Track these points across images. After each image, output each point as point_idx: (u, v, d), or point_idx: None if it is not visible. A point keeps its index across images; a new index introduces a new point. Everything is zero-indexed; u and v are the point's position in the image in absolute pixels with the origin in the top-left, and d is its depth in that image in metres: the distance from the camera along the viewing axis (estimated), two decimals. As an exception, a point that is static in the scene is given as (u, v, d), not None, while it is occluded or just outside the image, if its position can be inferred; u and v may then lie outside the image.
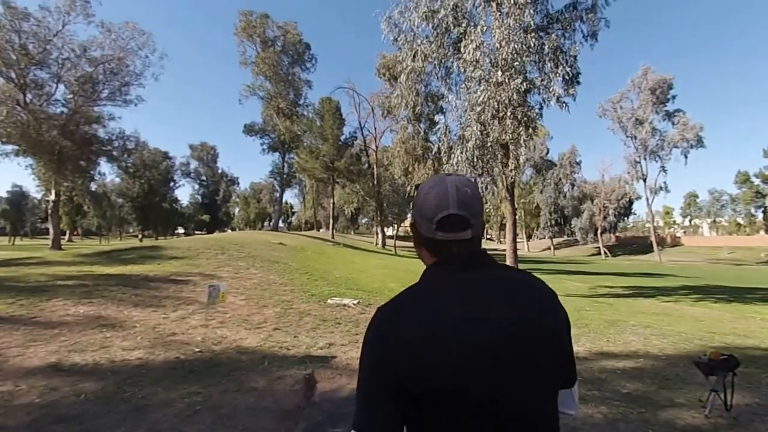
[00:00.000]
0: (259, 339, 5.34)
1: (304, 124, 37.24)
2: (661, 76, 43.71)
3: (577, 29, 10.66)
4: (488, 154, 11.13)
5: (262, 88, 37.25)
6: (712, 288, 16.37)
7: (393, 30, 12.22)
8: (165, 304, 6.70)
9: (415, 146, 21.59)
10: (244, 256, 12.50)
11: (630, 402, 3.71)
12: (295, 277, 10.35)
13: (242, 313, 6.60)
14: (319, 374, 4.17)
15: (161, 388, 3.70)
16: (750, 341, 6.52)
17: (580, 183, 61.20)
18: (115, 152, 29.07)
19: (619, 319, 8.23)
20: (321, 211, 72.47)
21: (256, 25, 35.55)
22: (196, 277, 9.09)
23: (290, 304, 7.44)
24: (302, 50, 37.81)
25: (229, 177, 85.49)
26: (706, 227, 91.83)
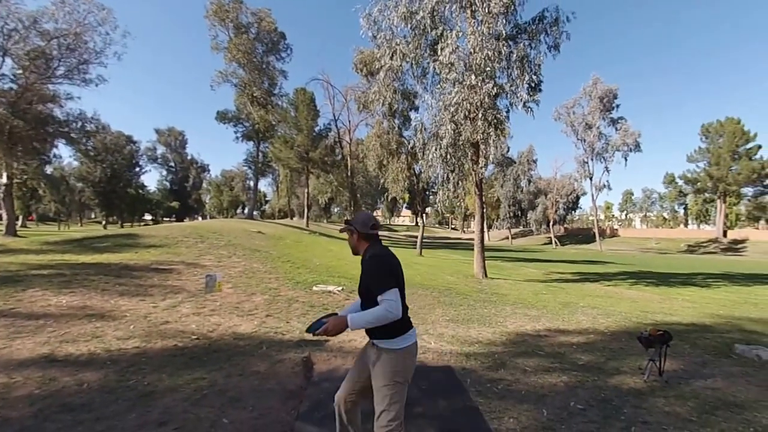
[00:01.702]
0: (253, 325, 5.39)
1: (279, 114, 35.98)
2: (608, 86, 46.34)
3: (542, 41, 11.11)
4: (460, 152, 11.45)
5: (235, 75, 35.24)
6: (644, 273, 17.79)
7: (372, 27, 12.16)
8: (152, 293, 6.55)
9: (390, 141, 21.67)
10: (224, 245, 12.24)
11: (585, 371, 4.17)
12: (278, 265, 10.26)
13: (232, 300, 6.57)
14: (315, 357, 4.34)
15: (165, 374, 3.67)
16: (674, 318, 7.33)
17: (536, 179, 63.85)
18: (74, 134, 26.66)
19: (570, 301, 8.92)
20: (295, 200, 71.20)
21: (229, 10, 33.34)
22: (179, 265, 8.87)
23: (277, 292, 7.45)
24: (277, 39, 36.07)
25: (200, 164, 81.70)
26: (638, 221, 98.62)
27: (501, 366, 4.25)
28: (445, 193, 11.78)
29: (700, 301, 9.84)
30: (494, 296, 9.13)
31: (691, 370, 4.35)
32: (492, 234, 75.77)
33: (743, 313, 8.14)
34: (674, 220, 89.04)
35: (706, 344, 5.40)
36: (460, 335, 5.47)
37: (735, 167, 57.67)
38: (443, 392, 3.54)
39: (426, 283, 10.34)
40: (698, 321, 7.09)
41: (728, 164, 57.90)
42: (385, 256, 2.11)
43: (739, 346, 5.17)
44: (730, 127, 58.32)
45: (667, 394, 3.60)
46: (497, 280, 12.38)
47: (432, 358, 4.48)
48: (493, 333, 5.68)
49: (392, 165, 21.70)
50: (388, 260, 2.09)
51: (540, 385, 3.74)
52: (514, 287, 11.10)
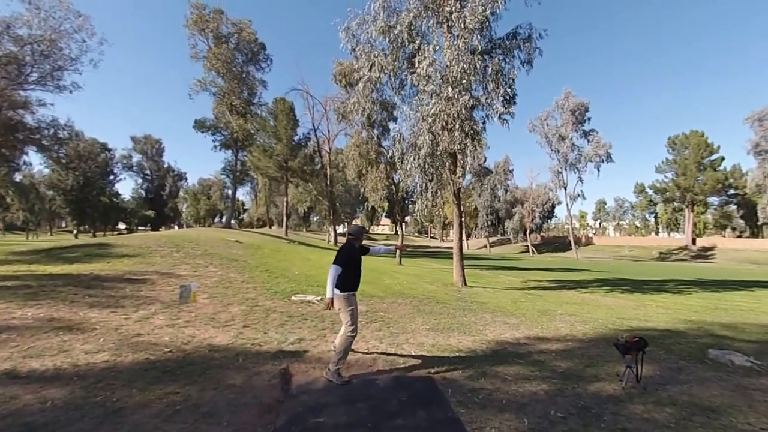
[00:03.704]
0: (229, 337, 5.21)
1: (258, 123, 35.81)
2: (579, 100, 48.00)
3: (516, 56, 11.39)
4: (438, 162, 11.57)
5: (214, 84, 34.93)
6: (619, 281, 18.24)
7: (351, 40, 12.27)
8: (124, 304, 6.28)
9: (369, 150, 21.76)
10: (201, 254, 11.91)
11: (565, 379, 4.18)
12: (256, 275, 10.05)
13: (208, 311, 6.35)
14: (293, 368, 4.22)
15: (135, 389, 3.50)
16: (649, 324, 7.49)
17: (512, 189, 65.41)
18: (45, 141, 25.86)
19: (549, 308, 9.02)
20: (274, 208, 70.48)
21: (209, 20, 33.22)
22: (153, 275, 8.56)
23: (255, 302, 7.27)
24: (257, 49, 36.01)
25: (176, 172, 79.93)
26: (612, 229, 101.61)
27: (482, 375, 4.22)
28: (423, 202, 11.83)
29: (673, 307, 10.10)
30: (474, 304, 9.14)
31: (667, 375, 4.42)
32: (470, 242, 76.73)
33: (714, 318, 8.39)
34: (646, 229, 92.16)
35: (680, 350, 5.52)
36: (440, 344, 5.43)
37: (701, 178, 60.36)
38: (424, 403, 3.48)
39: (406, 292, 10.29)
40: (672, 327, 7.26)
41: (694, 175, 60.52)
42: (342, 248, 4.25)
43: (712, 351, 5.29)
44: (694, 139, 61.11)
45: (645, 401, 3.63)
46: (476, 289, 12.44)
47: (412, 368, 4.41)
48: (474, 341, 5.67)
49: (371, 174, 21.76)
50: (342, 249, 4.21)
51: (521, 394, 3.72)
52: (494, 295, 11.16)
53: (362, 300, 8.54)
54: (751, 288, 16.18)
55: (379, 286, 10.86)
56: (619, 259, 51.08)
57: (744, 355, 5.13)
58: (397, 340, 5.56)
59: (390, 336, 5.76)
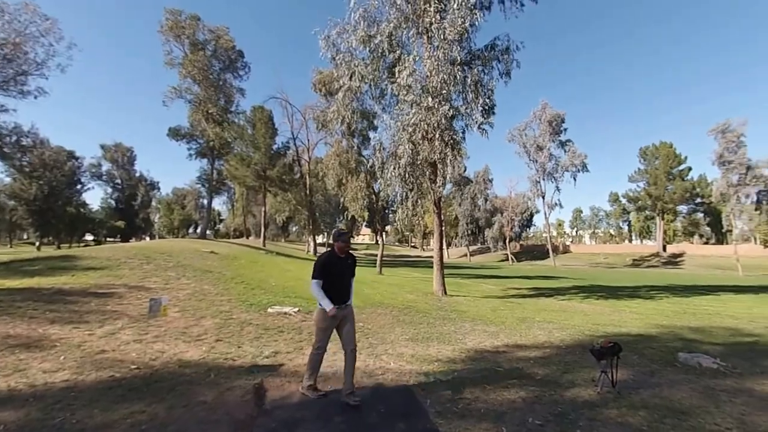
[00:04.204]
0: (201, 351, 5.04)
1: (235, 132, 35.30)
2: (556, 111, 49.58)
3: (494, 67, 11.68)
4: (418, 171, 11.68)
5: (189, 91, 34.37)
6: (595, 287, 18.71)
7: (331, 48, 12.31)
8: (88, 319, 5.99)
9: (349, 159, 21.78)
10: (173, 266, 11.55)
11: (542, 386, 4.22)
12: (231, 287, 9.81)
13: (179, 325, 6.14)
14: (268, 383, 4.11)
15: (97, 409, 3.31)
16: (623, 329, 7.70)
17: (492, 198, 66.54)
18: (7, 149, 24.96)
19: (527, 316, 9.16)
20: (251, 218, 69.33)
21: (185, 26, 32.78)
22: (121, 288, 8.23)
23: (229, 315, 7.08)
24: (235, 57, 35.75)
25: (149, 181, 77.72)
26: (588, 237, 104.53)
27: (461, 384, 4.22)
28: (404, 211, 11.89)
29: (645, 312, 10.42)
30: (454, 313, 9.19)
31: (640, 379, 4.53)
32: (451, 251, 77.35)
33: (684, 322, 8.70)
34: (620, 236, 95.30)
35: (652, 354, 5.69)
36: (419, 354, 5.41)
37: (670, 187, 63.22)
38: (402, 415, 3.45)
39: (386, 301, 10.25)
40: (645, 331, 7.48)
41: (664, 184, 63.32)
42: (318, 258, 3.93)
43: (681, 354, 5.47)
44: (664, 150, 64.04)
45: (620, 405, 3.70)
46: (457, 297, 12.51)
47: (391, 379, 4.38)
48: (453, 351, 5.68)
49: (351, 184, 21.76)
50: (320, 259, 3.87)
51: (499, 402, 3.74)
52: (473, 304, 11.24)
53: None
54: (716, 292, 16.90)
55: (358, 296, 10.68)
56: (595, 266, 52.51)
57: (711, 357, 5.32)
58: (376, 351, 5.51)
59: (369, 347, 5.70)
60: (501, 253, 68.14)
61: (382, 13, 11.96)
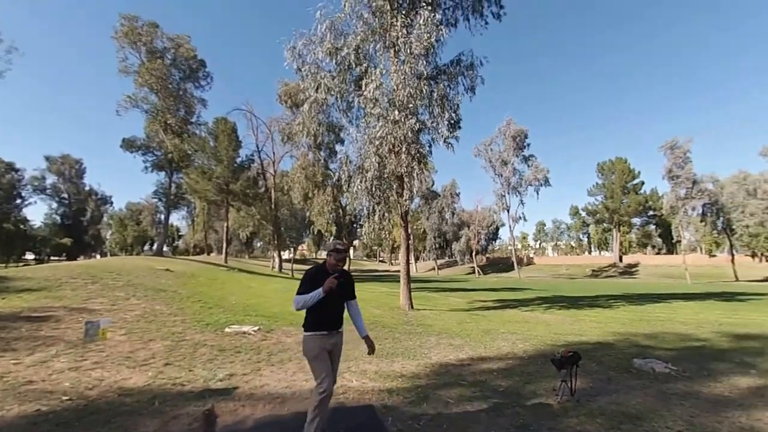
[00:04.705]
0: (146, 377, 4.70)
1: (196, 144, 34.23)
2: (519, 127, 51.72)
3: (459, 82, 12.03)
4: (385, 184, 11.70)
5: (146, 100, 32.84)
6: (557, 298, 19.29)
7: (297, 59, 12.22)
8: (16, 347, 5.45)
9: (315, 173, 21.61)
10: (122, 285, 10.90)
11: (505, 397, 4.25)
12: (186, 306, 9.36)
13: (123, 350, 5.72)
14: (219, 408, 3.88)
15: (18, 448, 2.98)
16: (583, 338, 7.94)
17: (459, 212, 67.90)
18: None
19: (492, 328, 9.27)
20: (213, 234, 67.08)
21: (142, 33, 31.55)
22: (60, 311, 7.61)
23: (182, 336, 6.71)
24: (196, 66, 34.64)
25: (100, 195, 73.70)
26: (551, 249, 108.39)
27: (424, 400, 4.17)
28: (370, 225, 11.85)
29: (604, 320, 10.83)
30: (420, 327, 9.17)
31: (598, 387, 4.66)
32: (419, 265, 77.93)
33: (639, 329, 9.09)
34: (580, 248, 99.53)
35: (609, 361, 5.88)
36: (383, 370, 5.33)
37: (625, 200, 67.03)
38: (364, 433, 3.35)
39: (351, 317, 10.09)
40: (603, 339, 7.74)
41: (620, 198, 67.12)
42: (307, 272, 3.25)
43: (636, 360, 5.69)
44: (619, 165, 68.05)
45: (579, 413, 3.77)
46: (423, 311, 12.53)
47: (353, 398, 4.26)
48: (417, 366, 5.63)
49: (318, 197, 21.60)
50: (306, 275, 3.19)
51: (461, 417, 3.72)
52: (440, 317, 11.29)
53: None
54: (668, 300, 17.86)
55: None
56: (557, 277, 54.42)
57: (663, 362, 5.58)
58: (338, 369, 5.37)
59: (332, 364, 5.55)
60: (468, 266, 69.36)
61: (349, 26, 12.05)
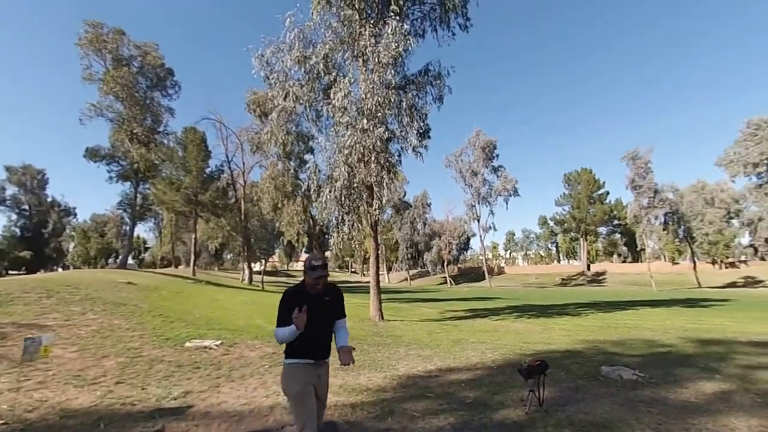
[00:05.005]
0: (94, 397, 4.31)
1: (164, 153, 33.39)
2: (488, 138, 52.99)
3: (428, 92, 12.18)
4: (354, 194, 11.61)
5: (111, 109, 31.95)
6: (527, 307, 19.55)
7: (265, 68, 12.10)
8: (-49, 367, 4.96)
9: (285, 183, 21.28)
10: (79, 299, 10.21)
11: (472, 409, 4.12)
12: (147, 320, 8.87)
13: (73, 368, 5.27)
14: (170, 429, 3.57)
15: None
16: (552, 346, 7.95)
17: (430, 222, 68.56)
18: None
19: (462, 338, 9.18)
20: (181, 246, 64.92)
21: (108, 40, 30.76)
22: (7, 328, 6.96)
23: (138, 352, 6.28)
24: (164, 75, 33.99)
25: (63, 207, 70.32)
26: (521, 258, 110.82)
27: (389, 414, 3.99)
28: (340, 235, 11.68)
29: (573, 328, 10.95)
30: (389, 338, 9.00)
31: (566, 396, 4.59)
32: (392, 276, 77.90)
33: (606, 336, 9.21)
34: (549, 257, 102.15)
35: (577, 369, 5.85)
36: (348, 384, 5.10)
37: (592, 210, 69.57)
38: (322, 455, 3.11)
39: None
40: (572, 348, 7.78)
41: (586, 207, 69.65)
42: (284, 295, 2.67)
43: (604, 368, 5.68)
44: (585, 176, 70.76)
45: (546, 424, 3.68)
46: (393, 322, 12.35)
47: (315, 415, 4.02)
48: (384, 378, 5.44)
49: (287, 208, 21.26)
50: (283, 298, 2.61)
51: (428, 431, 3.55)
52: (410, 328, 11.15)
53: (270, 341, 7.91)
54: (635, 307, 18.43)
55: None
56: (528, 286, 55.52)
57: (630, 369, 5.58)
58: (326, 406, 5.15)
59: (295, 380, 5.29)
60: (440, 276, 69.78)
61: (318, 35, 12.04)
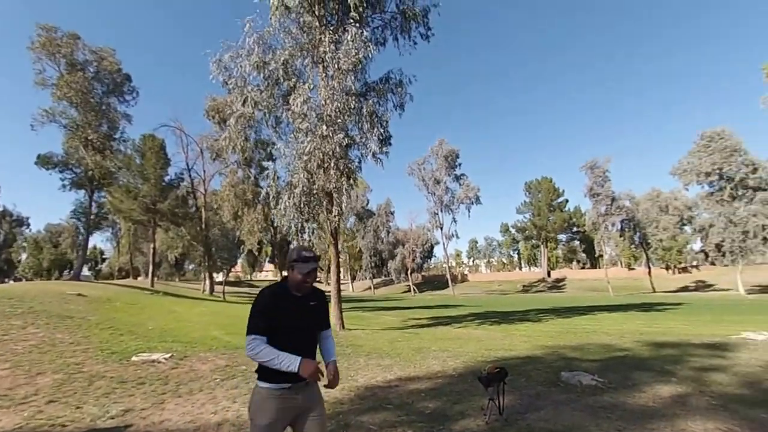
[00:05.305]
0: (20, 419, 3.86)
1: (121, 161, 32.29)
2: (451, 147, 54.05)
3: (389, 99, 12.25)
4: (314, 201, 11.49)
5: (65, 115, 30.69)
6: (489, 314, 19.83)
7: (223, 72, 11.88)
8: None
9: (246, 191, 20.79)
10: (21, 313, 9.42)
11: (431, 421, 3.95)
12: (94, 334, 8.38)
13: (1, 386, 4.81)
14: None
15: None
16: (513, 353, 7.94)
17: (394, 230, 68.88)
18: None
19: (423, 346, 9.06)
20: (140, 257, 62.05)
21: (62, 45, 29.63)
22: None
23: (79, 368, 5.83)
24: (121, 80, 33.01)
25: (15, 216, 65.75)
26: (484, 266, 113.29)
27: (344, 428, 3.77)
28: (300, 242, 11.42)
29: (533, 334, 11.08)
30: (349, 348, 8.76)
31: (526, 403, 4.50)
32: (356, 285, 77.45)
33: (566, 341, 9.31)
34: (511, 264, 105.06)
35: (538, 375, 5.80)
36: (303, 398, 4.82)
37: (552, 217, 72.46)
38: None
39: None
40: (532, 353, 7.77)
41: (546, 215, 72.48)
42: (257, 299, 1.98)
43: (564, 373, 5.63)
44: (545, 184, 73.77)
45: (506, 433, 3.55)
46: (355, 331, 12.11)
47: None
48: (342, 389, 5.18)
49: (248, 216, 20.74)
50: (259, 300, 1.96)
51: (384, 447, 3.34)
52: (371, 337, 10.95)
53: (225, 353, 7.55)
54: (593, 312, 19.06)
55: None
56: (490, 293, 56.74)
57: (590, 374, 5.54)
58: (253, 398, 4.80)
59: (247, 393, 4.98)
60: (404, 285, 70.01)
61: (278, 41, 11.96)
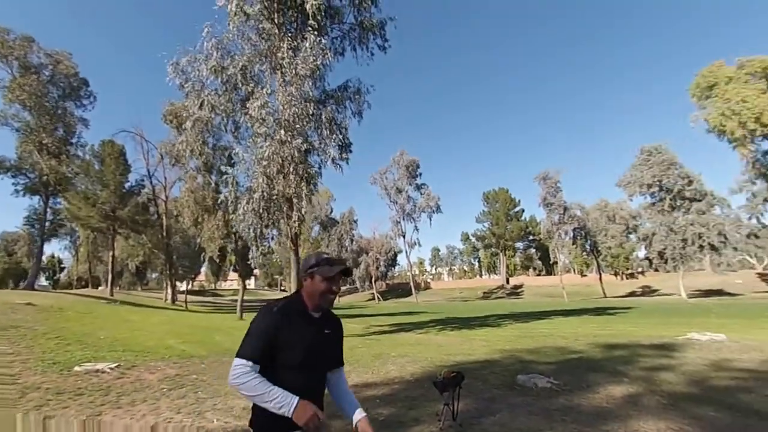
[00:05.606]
0: None
1: (78, 166, 30.97)
2: (412, 158, 55.18)
3: (347, 107, 12.34)
4: (274, 206, 11.34)
5: (18, 118, 29.30)
6: (450, 320, 20.04)
7: (180, 76, 11.66)
8: None
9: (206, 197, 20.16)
10: (-40, 323, 8.66)
11: (384, 428, 3.88)
12: (38, 344, 7.92)
13: None
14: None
15: None
16: (472, 357, 8.04)
17: (357, 238, 68.65)
18: None
19: (383, 352, 9.01)
20: (101, 265, 58.56)
21: (14, 47, 28.28)
22: None
23: (13, 379, 5.41)
24: (78, 84, 31.69)
25: (-34, 225, 59.88)
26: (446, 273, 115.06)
27: (294, 440, 3.60)
28: (259, 249, 11.17)
29: (492, 339, 11.24)
30: (308, 357, 8.54)
31: (482, 407, 4.51)
32: (321, 293, 76.17)
33: (523, 345, 9.52)
34: (472, 272, 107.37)
35: (494, 379, 5.86)
36: (253, 407, 4.63)
37: (509, 226, 74.95)
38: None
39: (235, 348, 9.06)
40: (490, 357, 7.89)
41: (504, 224, 74.92)
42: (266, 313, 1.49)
43: (520, 376, 5.70)
44: (502, 195, 76.32)
45: (460, 439, 3.55)
46: (316, 339, 11.85)
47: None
48: (294, 399, 5.03)
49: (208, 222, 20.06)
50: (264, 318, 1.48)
51: (334, 457, 3.24)
52: (331, 345, 10.74)
53: (177, 362, 7.27)
54: (549, 317, 19.68)
55: (205, 344, 9.68)
56: (452, 300, 57.66)
57: (545, 377, 5.65)
58: (201, 407, 4.61)
59: (194, 403, 4.77)
60: (369, 293, 69.89)
61: (236, 46, 11.88)
